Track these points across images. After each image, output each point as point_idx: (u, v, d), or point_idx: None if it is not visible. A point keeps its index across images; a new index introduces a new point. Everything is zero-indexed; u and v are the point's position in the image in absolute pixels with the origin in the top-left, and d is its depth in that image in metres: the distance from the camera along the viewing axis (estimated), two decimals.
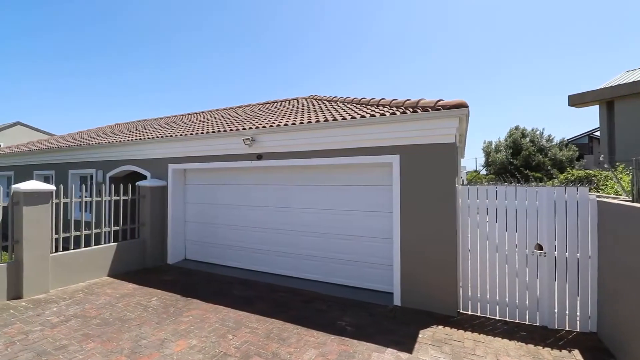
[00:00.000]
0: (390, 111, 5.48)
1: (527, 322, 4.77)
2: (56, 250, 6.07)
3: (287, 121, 6.47)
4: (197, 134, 7.18)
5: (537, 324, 4.71)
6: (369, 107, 6.68)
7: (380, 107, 6.22)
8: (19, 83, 77.60)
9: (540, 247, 4.77)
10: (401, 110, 5.32)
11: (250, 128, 6.47)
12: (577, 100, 14.58)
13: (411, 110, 5.22)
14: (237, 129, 6.63)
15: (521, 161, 22.09)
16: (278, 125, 6.19)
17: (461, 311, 5.08)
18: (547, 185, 5.13)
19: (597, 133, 33.31)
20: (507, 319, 4.87)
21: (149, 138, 8.00)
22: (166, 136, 7.67)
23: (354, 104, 7.53)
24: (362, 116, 5.42)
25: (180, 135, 7.44)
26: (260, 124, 6.60)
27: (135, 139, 8.25)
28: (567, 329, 4.57)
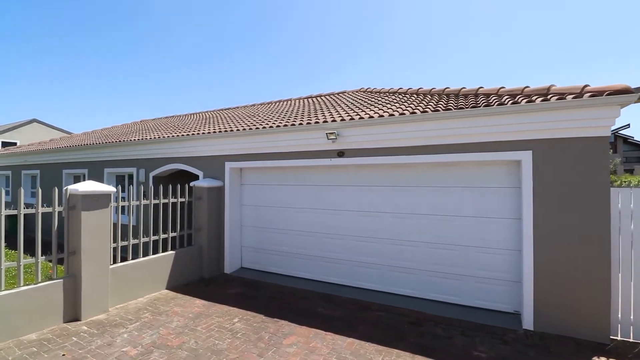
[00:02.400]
0: (503, 101, 4.63)
1: None
2: (114, 262, 5.24)
3: (374, 113, 5.62)
4: (264, 128, 6.32)
5: None
6: (461, 98, 5.83)
7: (483, 97, 5.37)
8: (20, 83, 76.92)
9: None
10: (524, 99, 4.46)
11: (334, 120, 5.62)
12: None
13: (542, 98, 4.36)
14: (317, 122, 5.77)
15: None
16: (371, 117, 5.33)
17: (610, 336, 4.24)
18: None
19: (624, 131, 32.50)
20: None
21: (205, 133, 7.12)
22: (226, 131, 6.81)
23: (432, 95, 6.68)
24: (488, 105, 4.56)
25: (243, 129, 6.58)
26: (347, 116, 5.75)
27: (188, 135, 7.37)
28: None
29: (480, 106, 4.62)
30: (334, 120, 5.60)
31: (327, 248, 6.32)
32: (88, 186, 4.77)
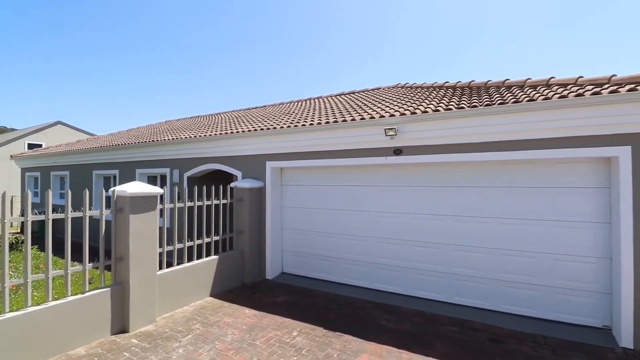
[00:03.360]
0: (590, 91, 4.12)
1: None
2: (159, 268, 4.91)
3: (435, 107, 5.17)
4: (311, 124, 5.92)
5: None
6: (529, 89, 5.32)
7: (560, 87, 4.85)
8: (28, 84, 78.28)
9: None
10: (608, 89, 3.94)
11: (392, 115, 5.18)
12: None
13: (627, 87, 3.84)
14: (372, 117, 5.35)
15: None
16: (436, 110, 4.88)
17: None
18: None
19: None
20: None
21: (245, 131, 6.76)
22: (268, 128, 6.44)
23: (487, 88, 6.18)
24: (580, 94, 4.06)
25: (288, 127, 6.19)
26: (405, 110, 5.30)
27: (227, 133, 7.00)
28: None
29: (567, 97, 4.13)
30: (392, 115, 5.17)
31: (378, 253, 5.89)
32: (136, 187, 4.45)
